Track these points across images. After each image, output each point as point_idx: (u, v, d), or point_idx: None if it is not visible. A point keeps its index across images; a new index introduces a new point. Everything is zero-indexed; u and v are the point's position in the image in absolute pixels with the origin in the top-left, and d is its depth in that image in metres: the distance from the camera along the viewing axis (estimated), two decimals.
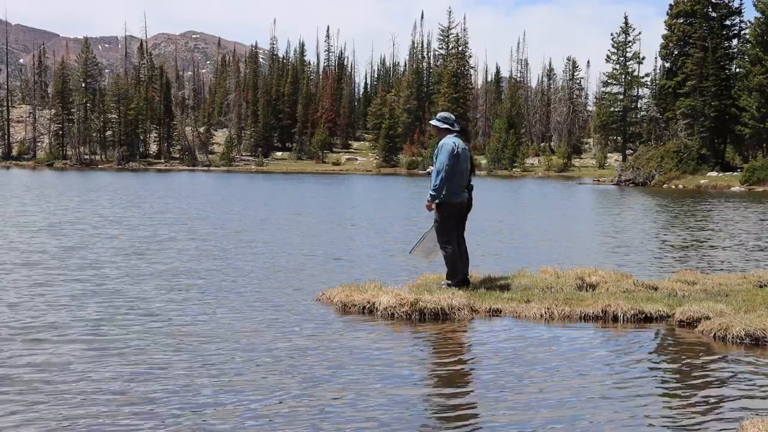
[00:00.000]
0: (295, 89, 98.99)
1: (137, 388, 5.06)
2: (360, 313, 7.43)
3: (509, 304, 7.52)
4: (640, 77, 76.53)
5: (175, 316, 7.24)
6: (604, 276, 8.87)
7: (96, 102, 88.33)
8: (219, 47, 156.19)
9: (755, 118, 52.97)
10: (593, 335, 6.86)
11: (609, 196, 37.68)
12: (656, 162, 53.54)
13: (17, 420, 4.46)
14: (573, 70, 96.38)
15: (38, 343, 6.14)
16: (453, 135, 8.22)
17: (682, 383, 5.47)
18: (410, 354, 6.24)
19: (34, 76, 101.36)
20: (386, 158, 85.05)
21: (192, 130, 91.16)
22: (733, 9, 59.97)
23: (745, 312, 7.00)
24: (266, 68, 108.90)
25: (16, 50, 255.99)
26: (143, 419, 4.51)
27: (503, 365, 5.79)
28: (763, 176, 46.28)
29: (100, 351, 5.96)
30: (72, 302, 7.83)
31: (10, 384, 5.09)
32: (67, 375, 5.32)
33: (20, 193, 29.10)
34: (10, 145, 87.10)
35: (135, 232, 15.33)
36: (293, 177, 60.53)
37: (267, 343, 6.28)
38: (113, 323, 6.92)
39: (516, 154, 79.98)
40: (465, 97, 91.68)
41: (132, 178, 51.87)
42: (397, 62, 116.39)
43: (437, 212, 8.13)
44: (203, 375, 5.38)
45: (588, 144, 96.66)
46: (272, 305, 7.87)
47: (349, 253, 12.60)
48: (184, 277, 9.64)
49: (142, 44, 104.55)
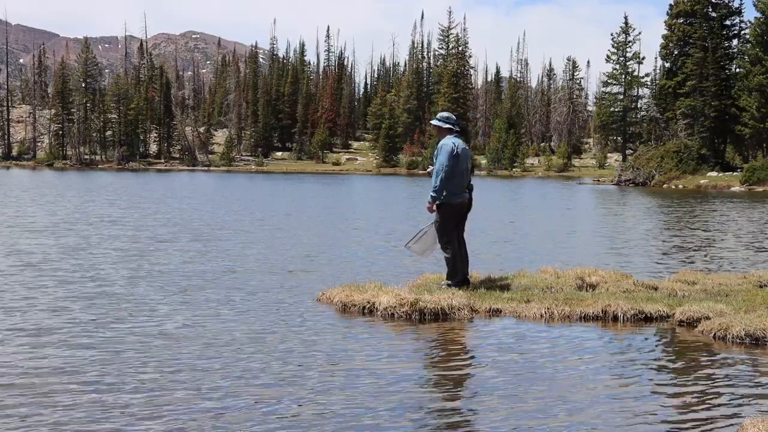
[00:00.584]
0: (295, 89, 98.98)
1: (137, 389, 5.06)
2: (360, 313, 7.43)
3: (509, 304, 7.52)
4: (640, 77, 76.56)
5: (174, 317, 7.24)
6: (604, 276, 8.87)
7: (96, 102, 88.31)
8: (219, 47, 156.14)
9: (755, 118, 52.98)
10: (593, 335, 6.86)
11: (609, 196, 37.69)
12: (656, 162, 53.54)
13: (18, 423, 4.46)
14: (573, 70, 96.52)
15: (34, 348, 6.13)
16: (453, 135, 8.22)
17: (682, 383, 5.47)
18: (410, 354, 6.24)
19: (34, 76, 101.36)
20: (386, 158, 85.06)
21: (192, 130, 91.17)
22: (733, 9, 60.00)
23: (745, 312, 7.00)
24: (266, 68, 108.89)
25: (16, 50, 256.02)
26: (145, 423, 4.51)
27: (503, 365, 5.79)
28: (763, 176, 46.28)
29: (100, 353, 5.95)
30: (71, 304, 7.82)
31: (11, 388, 5.09)
32: (66, 378, 5.32)
33: (19, 194, 29.09)
34: (10, 145, 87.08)
35: (135, 232, 15.32)
36: (293, 177, 60.53)
37: (266, 344, 6.27)
38: (114, 325, 6.92)
39: (516, 154, 79.98)
40: (465, 97, 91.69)
41: (132, 178, 51.87)
42: (397, 62, 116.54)
43: (438, 213, 8.14)
44: (203, 376, 5.37)
45: (588, 144, 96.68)
46: (272, 305, 7.87)
47: (349, 253, 12.60)
48: (184, 277, 9.63)
49: (142, 44, 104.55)
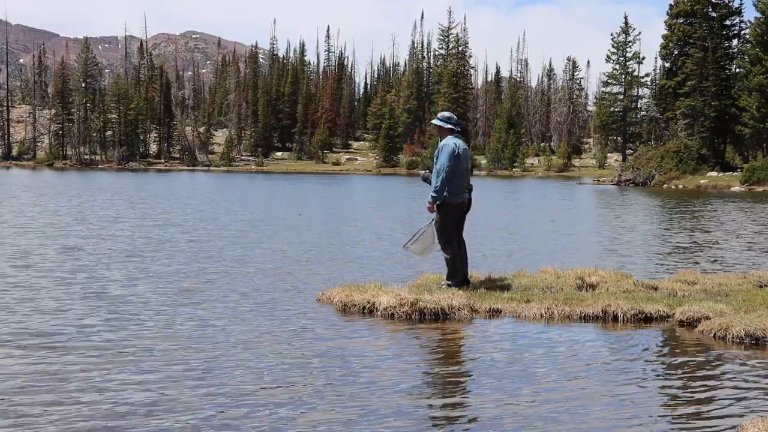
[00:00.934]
0: (295, 89, 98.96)
1: (138, 393, 5.06)
2: (360, 313, 7.42)
3: (509, 304, 7.52)
4: (640, 77, 76.58)
5: (174, 317, 7.24)
6: (604, 276, 8.87)
7: (96, 102, 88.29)
8: (219, 47, 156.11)
9: (755, 118, 52.99)
10: (593, 335, 6.86)
11: (609, 196, 37.69)
12: (656, 162, 53.55)
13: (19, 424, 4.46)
14: (573, 70, 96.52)
15: (29, 350, 6.13)
16: (454, 135, 8.22)
17: (682, 383, 5.47)
18: (410, 354, 6.24)
19: (34, 76, 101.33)
20: (386, 158, 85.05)
21: (192, 130, 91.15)
22: (733, 9, 60.01)
23: (745, 312, 7.00)
24: (266, 68, 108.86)
25: (16, 50, 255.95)
26: (146, 422, 4.51)
27: (503, 365, 5.79)
28: (763, 176, 46.28)
29: (100, 355, 5.95)
30: (71, 304, 7.82)
31: (11, 392, 5.09)
32: (65, 383, 5.32)
33: (20, 194, 29.09)
34: (10, 145, 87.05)
35: (134, 233, 15.32)
36: (293, 177, 60.53)
37: (266, 344, 6.27)
38: (114, 326, 6.92)
39: (516, 154, 79.98)
40: (465, 97, 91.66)
41: (132, 178, 51.87)
42: (397, 62, 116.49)
43: (438, 213, 8.14)
44: (203, 376, 5.37)
45: (588, 144, 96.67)
46: (272, 305, 7.87)
47: (350, 253, 12.60)
48: (184, 277, 9.63)
49: (142, 44, 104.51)
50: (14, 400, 4.76)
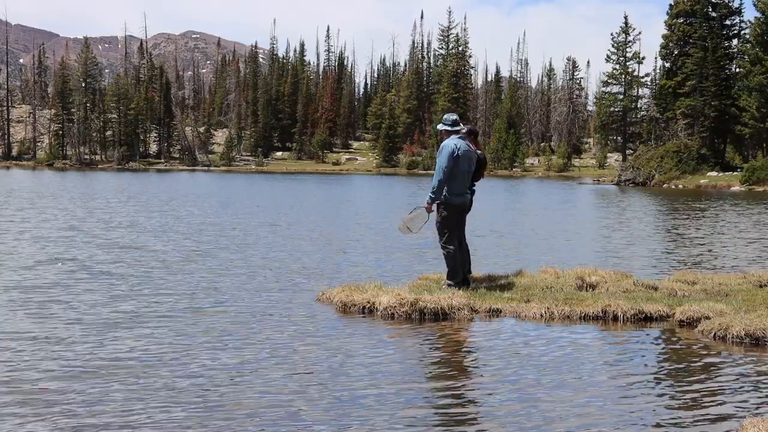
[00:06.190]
0: (295, 89, 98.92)
1: (138, 390, 5.07)
2: (360, 313, 7.43)
3: (509, 304, 7.53)
4: (640, 77, 76.50)
5: (174, 317, 7.24)
6: (604, 276, 8.87)
7: (96, 102, 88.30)
8: (219, 47, 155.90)
9: (755, 118, 52.95)
10: (593, 335, 6.87)
11: (609, 196, 37.68)
12: (656, 162, 53.51)
13: (22, 425, 4.47)
14: (573, 70, 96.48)
15: (32, 353, 6.14)
16: (456, 136, 8.20)
17: (682, 383, 5.47)
18: (410, 354, 6.24)
19: (34, 76, 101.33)
20: (386, 158, 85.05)
21: (192, 130, 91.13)
22: (733, 9, 59.92)
23: (745, 312, 7.00)
24: (266, 68, 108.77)
25: (16, 50, 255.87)
26: (147, 423, 4.51)
27: (503, 365, 5.80)
28: (763, 176, 46.24)
29: (101, 356, 5.96)
30: (70, 305, 7.84)
31: (13, 393, 5.10)
32: (67, 385, 5.32)
33: (27, 196, 29.08)
34: (10, 145, 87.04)
35: (135, 233, 15.33)
36: (293, 177, 60.50)
37: (266, 344, 6.28)
38: (115, 325, 6.92)
39: (516, 154, 79.98)
40: (465, 97, 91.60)
41: (132, 178, 51.84)
42: (397, 62, 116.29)
43: (438, 212, 8.14)
44: (203, 377, 5.38)
45: (588, 144, 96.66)
46: (272, 305, 7.87)
47: (349, 253, 12.60)
48: (183, 278, 9.64)
49: (142, 44, 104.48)
50: (17, 400, 4.76)
